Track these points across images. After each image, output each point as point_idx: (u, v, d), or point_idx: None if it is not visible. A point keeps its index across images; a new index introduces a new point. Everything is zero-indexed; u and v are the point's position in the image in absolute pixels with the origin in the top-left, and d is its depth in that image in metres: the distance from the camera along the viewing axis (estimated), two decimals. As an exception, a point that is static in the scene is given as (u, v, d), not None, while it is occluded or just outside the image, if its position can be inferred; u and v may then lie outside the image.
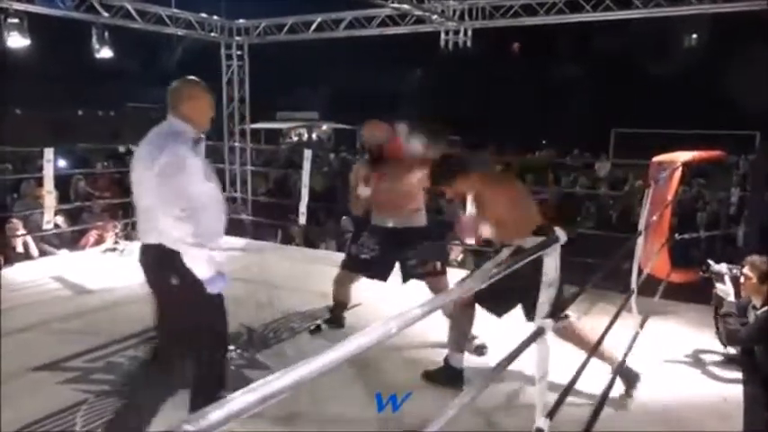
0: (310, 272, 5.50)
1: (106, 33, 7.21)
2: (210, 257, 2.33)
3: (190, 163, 2.34)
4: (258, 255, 6.32)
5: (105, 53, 7.37)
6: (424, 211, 3.84)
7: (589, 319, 4.14)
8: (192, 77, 2.58)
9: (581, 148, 14.36)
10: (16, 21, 6.01)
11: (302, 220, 6.64)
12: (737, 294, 3.51)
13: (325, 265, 5.81)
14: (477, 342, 3.68)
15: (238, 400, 0.76)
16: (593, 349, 2.69)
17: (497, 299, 2.95)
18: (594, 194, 9.34)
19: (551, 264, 2.07)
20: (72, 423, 2.87)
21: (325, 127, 30.39)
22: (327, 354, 0.91)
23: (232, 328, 4.03)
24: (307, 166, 6.57)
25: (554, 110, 20.50)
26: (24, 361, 3.45)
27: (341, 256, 6.49)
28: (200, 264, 2.31)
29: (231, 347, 3.78)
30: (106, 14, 6.90)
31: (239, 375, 3.41)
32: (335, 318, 4.08)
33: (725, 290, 3.53)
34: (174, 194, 2.28)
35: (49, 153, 5.90)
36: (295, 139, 29.48)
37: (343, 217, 7.58)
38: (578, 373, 2.28)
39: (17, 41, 6.08)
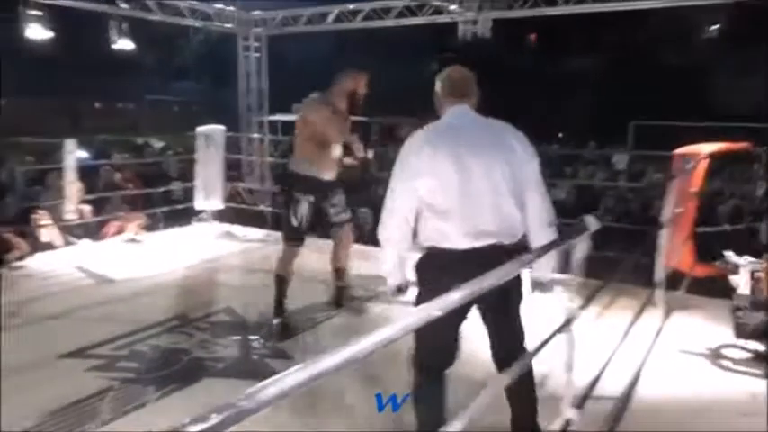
0: (328, 262, 5.49)
1: (124, 25, 7.26)
2: None
3: None
4: (277, 245, 6.32)
5: (123, 45, 7.43)
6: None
7: (611, 314, 4.12)
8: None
9: (598, 140, 14.24)
10: (37, 12, 6.08)
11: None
12: (754, 289, 3.47)
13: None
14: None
15: (289, 378, 0.76)
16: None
17: None
18: (613, 187, 9.25)
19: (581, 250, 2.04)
20: (98, 409, 2.91)
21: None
22: (373, 335, 0.91)
23: (254, 319, 4.10)
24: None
25: (570, 102, 20.31)
26: (52, 348, 3.51)
27: (357, 247, 6.53)
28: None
29: (255, 337, 3.82)
30: (125, 6, 6.94)
31: (263, 365, 3.43)
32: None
33: (736, 281, 3.50)
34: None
35: (70, 144, 5.96)
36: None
37: (362, 209, 7.59)
38: (605, 364, 2.27)
39: (38, 33, 6.15)
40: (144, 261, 5.56)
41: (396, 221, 2.27)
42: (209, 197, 6.82)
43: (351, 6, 7.64)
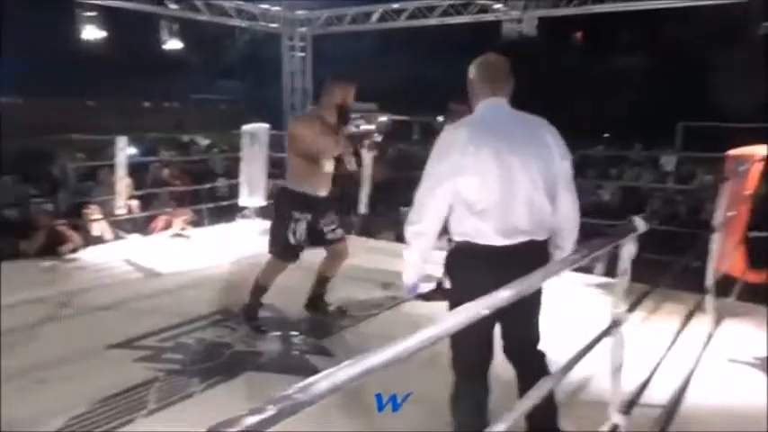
0: (369, 261, 5.53)
1: (175, 26, 7.44)
2: None
3: None
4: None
5: (173, 45, 7.62)
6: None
7: (657, 319, 4.02)
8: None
9: (645, 141, 13.91)
10: (93, 14, 6.29)
11: (363, 209, 6.67)
12: None
13: (383, 255, 5.86)
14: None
15: (341, 372, 0.77)
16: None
17: None
18: (661, 189, 9.02)
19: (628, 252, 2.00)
20: (145, 399, 2.99)
21: (384, 118, 30.56)
22: (424, 331, 0.91)
23: (294, 316, 4.15)
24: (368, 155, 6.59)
25: (616, 101, 19.87)
26: (101, 339, 3.62)
27: (399, 246, 6.50)
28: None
29: (296, 333, 3.87)
30: (174, 6, 7.10)
31: (304, 361, 3.47)
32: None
33: None
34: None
35: (121, 141, 6.15)
36: (353, 129, 29.76)
37: (404, 208, 7.58)
38: (653, 371, 2.22)
39: (94, 34, 6.36)
40: (190, 256, 5.69)
41: (432, 216, 2.21)
42: (252, 194, 6.93)
43: (395, 5, 7.65)
